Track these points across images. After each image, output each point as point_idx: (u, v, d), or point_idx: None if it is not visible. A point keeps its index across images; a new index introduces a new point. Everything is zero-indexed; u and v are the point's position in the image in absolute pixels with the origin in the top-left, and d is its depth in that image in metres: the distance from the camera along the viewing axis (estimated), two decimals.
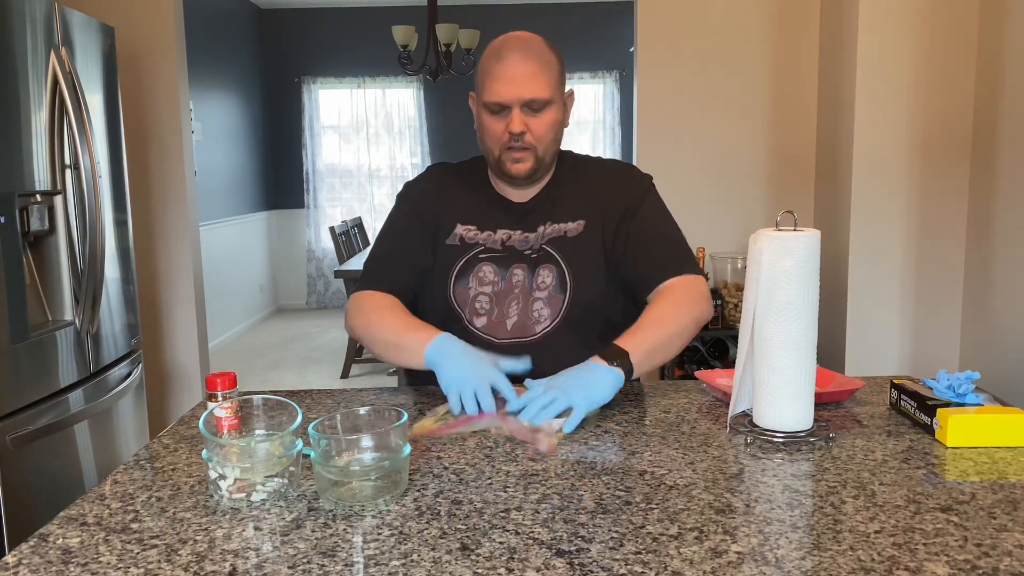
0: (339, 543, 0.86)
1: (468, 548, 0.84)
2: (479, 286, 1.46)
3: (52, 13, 2.18)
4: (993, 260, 2.70)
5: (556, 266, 1.46)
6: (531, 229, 1.49)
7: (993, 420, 1.11)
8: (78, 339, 2.27)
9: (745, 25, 3.22)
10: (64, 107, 2.19)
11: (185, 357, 3.41)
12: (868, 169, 2.89)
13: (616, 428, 1.21)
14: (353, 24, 6.94)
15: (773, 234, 1.12)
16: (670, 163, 3.28)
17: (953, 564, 0.79)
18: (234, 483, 0.96)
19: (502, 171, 1.45)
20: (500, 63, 1.39)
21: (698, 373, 1.43)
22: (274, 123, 7.13)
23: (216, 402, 1.08)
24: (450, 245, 1.49)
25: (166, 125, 3.26)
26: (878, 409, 1.29)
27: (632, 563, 0.80)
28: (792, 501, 0.94)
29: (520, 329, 1.44)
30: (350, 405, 1.37)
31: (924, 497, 0.95)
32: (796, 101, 3.27)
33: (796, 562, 0.79)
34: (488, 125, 1.43)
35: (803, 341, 1.12)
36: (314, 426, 0.97)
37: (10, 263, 1.99)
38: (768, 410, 1.14)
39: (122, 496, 1.00)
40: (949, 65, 2.83)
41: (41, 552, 0.85)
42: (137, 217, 3.20)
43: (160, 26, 3.20)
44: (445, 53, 4.67)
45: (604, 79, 6.97)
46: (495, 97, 1.38)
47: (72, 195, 2.26)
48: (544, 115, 1.40)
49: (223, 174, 6.06)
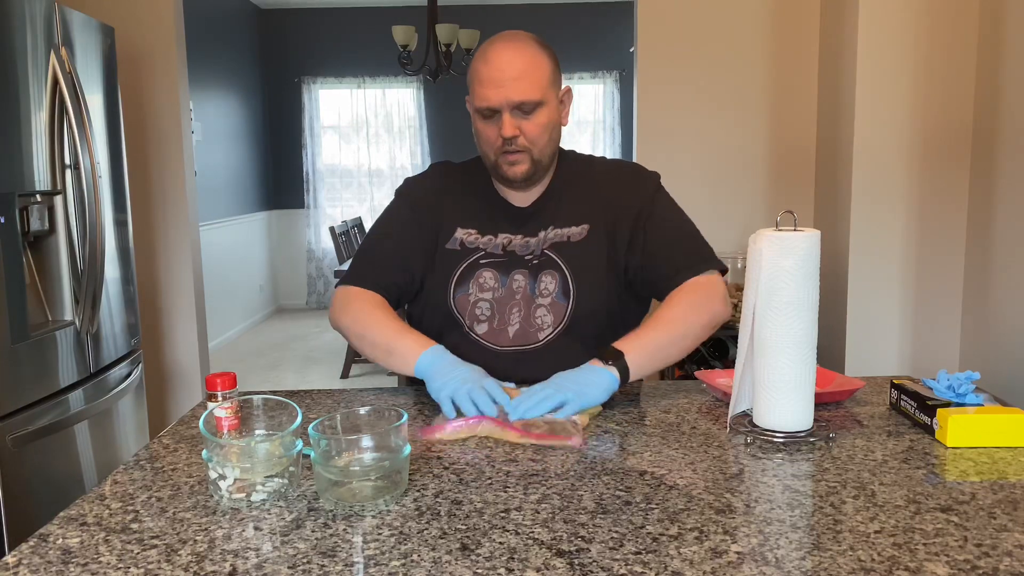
0: (339, 543, 0.86)
1: (468, 548, 0.84)
2: (479, 292, 1.44)
3: (52, 13, 2.18)
4: (993, 260, 2.70)
5: (559, 272, 1.43)
6: (532, 234, 1.46)
7: (993, 420, 1.11)
8: (78, 339, 2.27)
9: (745, 25, 3.22)
10: (64, 107, 2.18)
11: (185, 357, 3.41)
12: (868, 169, 2.89)
13: (616, 428, 1.21)
14: (353, 24, 6.94)
15: (773, 234, 1.12)
16: (670, 163, 3.27)
17: (953, 564, 0.79)
18: (234, 483, 0.96)
19: (499, 175, 1.43)
20: (487, 66, 1.35)
21: (698, 373, 1.43)
22: (274, 123, 7.13)
23: (216, 402, 1.08)
24: (450, 250, 1.47)
25: (166, 125, 3.26)
26: (878, 409, 1.29)
27: (632, 563, 0.80)
28: (792, 501, 0.94)
29: (522, 337, 1.42)
30: (350, 405, 1.37)
31: (924, 497, 0.95)
32: (796, 101, 3.27)
33: (796, 562, 0.79)
34: (481, 130, 1.40)
35: (803, 341, 1.12)
36: (314, 426, 0.97)
37: (10, 263, 1.99)
38: (768, 410, 1.14)
39: (122, 496, 1.00)
40: (949, 65, 2.83)
41: (41, 552, 0.85)
42: (137, 217, 3.20)
43: (160, 26, 3.20)
44: (445, 53, 4.67)
45: (604, 79, 6.97)
46: (483, 102, 1.35)
47: (72, 195, 2.26)
48: (536, 116, 1.36)
49: (223, 174, 6.06)
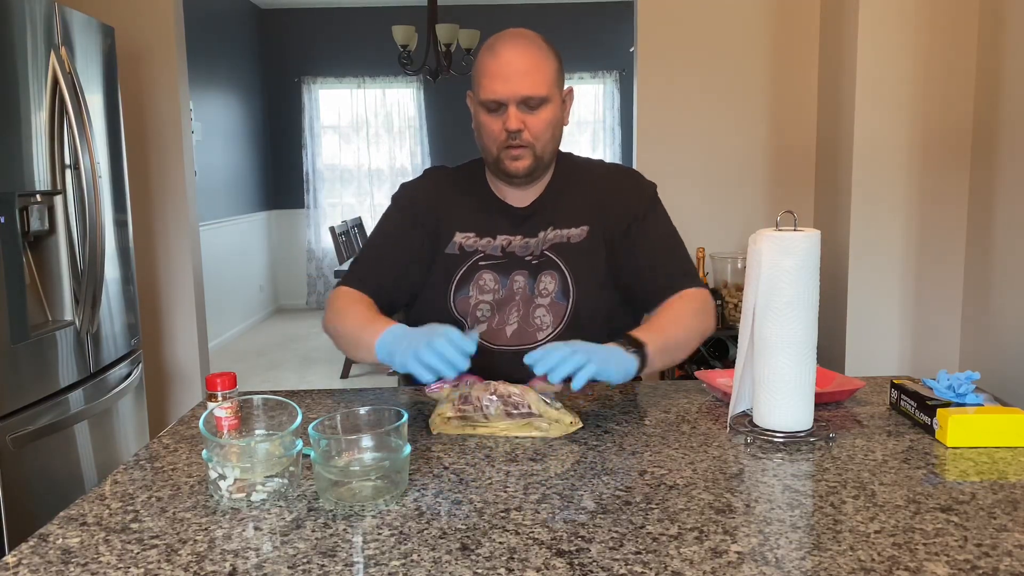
0: (339, 543, 0.86)
1: (468, 548, 0.84)
2: (479, 294, 1.44)
3: (52, 13, 2.18)
4: (993, 260, 2.70)
5: (559, 272, 1.43)
6: (532, 234, 1.46)
7: (993, 420, 1.11)
8: (78, 339, 2.27)
9: (745, 25, 3.22)
10: (64, 107, 2.18)
11: (185, 357, 3.41)
12: (868, 169, 2.89)
13: (616, 428, 1.21)
14: (353, 24, 6.94)
15: (773, 234, 1.12)
16: (670, 163, 3.28)
17: (953, 564, 0.79)
18: (234, 483, 0.96)
19: (500, 170, 1.42)
20: (496, 60, 1.36)
21: (698, 373, 1.43)
22: (274, 123, 7.13)
23: (216, 402, 1.08)
24: (449, 254, 1.47)
25: (166, 125, 3.26)
26: (878, 409, 1.29)
27: (632, 563, 0.80)
28: (792, 501, 0.94)
29: (519, 336, 1.42)
30: (350, 405, 1.37)
31: (924, 497, 0.95)
32: (796, 100, 3.27)
33: (796, 562, 0.79)
34: (485, 123, 1.40)
35: (803, 341, 1.12)
36: (314, 426, 0.97)
37: (10, 263, 1.99)
38: (768, 410, 1.14)
39: (122, 496, 1.00)
40: (949, 65, 2.83)
41: (41, 552, 0.85)
42: (137, 217, 3.20)
43: (160, 26, 3.20)
44: (445, 53, 4.67)
45: (604, 79, 6.97)
46: (491, 95, 1.36)
47: (72, 195, 2.26)
48: (541, 112, 1.37)
49: (223, 174, 6.06)
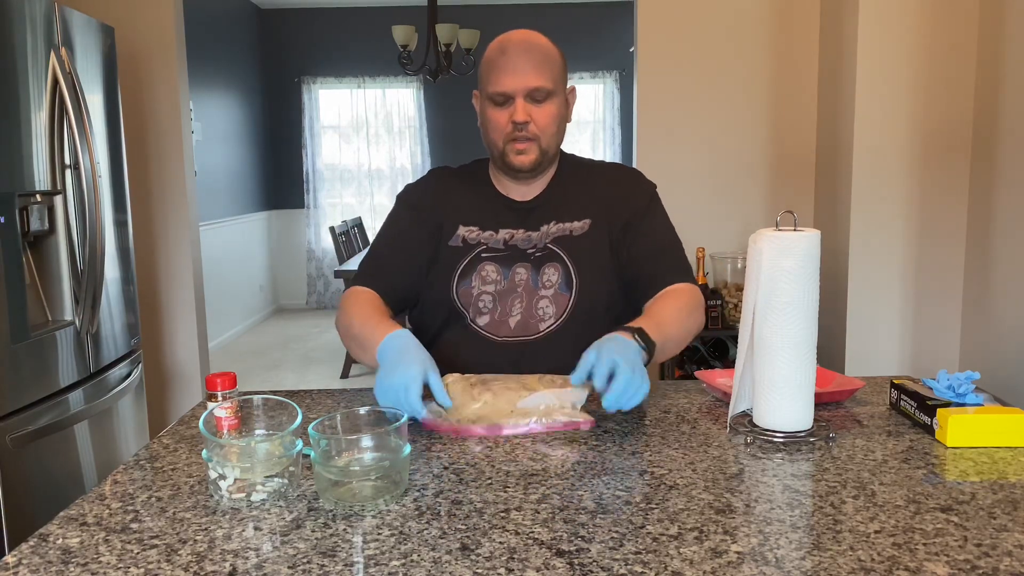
0: (339, 543, 0.86)
1: (468, 548, 0.84)
2: (482, 285, 1.46)
3: (52, 13, 2.18)
4: (993, 260, 2.70)
5: (562, 264, 1.46)
6: (534, 228, 1.49)
7: (993, 420, 1.11)
8: (78, 339, 2.27)
9: (745, 25, 3.22)
10: (64, 107, 2.18)
11: (185, 357, 3.41)
12: (868, 169, 2.89)
13: (616, 428, 1.21)
14: (353, 24, 6.94)
15: (773, 234, 1.12)
16: (670, 163, 3.28)
17: (953, 564, 0.79)
18: (234, 483, 0.96)
19: (506, 164, 1.45)
20: (504, 55, 1.41)
21: (698, 373, 1.43)
22: (274, 123, 7.13)
23: (216, 402, 1.08)
24: (452, 247, 1.49)
25: (166, 125, 3.26)
26: (878, 409, 1.29)
27: (632, 563, 0.80)
28: (792, 501, 0.94)
29: (523, 327, 1.44)
30: (350, 405, 1.37)
31: (924, 497, 0.95)
32: (796, 101, 3.27)
33: (796, 562, 0.79)
34: (492, 117, 1.44)
35: (803, 341, 1.12)
36: (314, 426, 0.97)
37: (10, 263, 1.99)
38: (768, 410, 1.14)
39: (122, 496, 1.00)
40: (949, 65, 2.83)
41: (41, 552, 0.85)
42: (137, 217, 3.20)
43: (160, 26, 3.20)
44: (445, 53, 4.67)
45: (604, 79, 6.97)
46: (499, 87, 1.40)
47: (72, 195, 2.26)
48: (547, 106, 1.42)
49: (223, 174, 6.06)
